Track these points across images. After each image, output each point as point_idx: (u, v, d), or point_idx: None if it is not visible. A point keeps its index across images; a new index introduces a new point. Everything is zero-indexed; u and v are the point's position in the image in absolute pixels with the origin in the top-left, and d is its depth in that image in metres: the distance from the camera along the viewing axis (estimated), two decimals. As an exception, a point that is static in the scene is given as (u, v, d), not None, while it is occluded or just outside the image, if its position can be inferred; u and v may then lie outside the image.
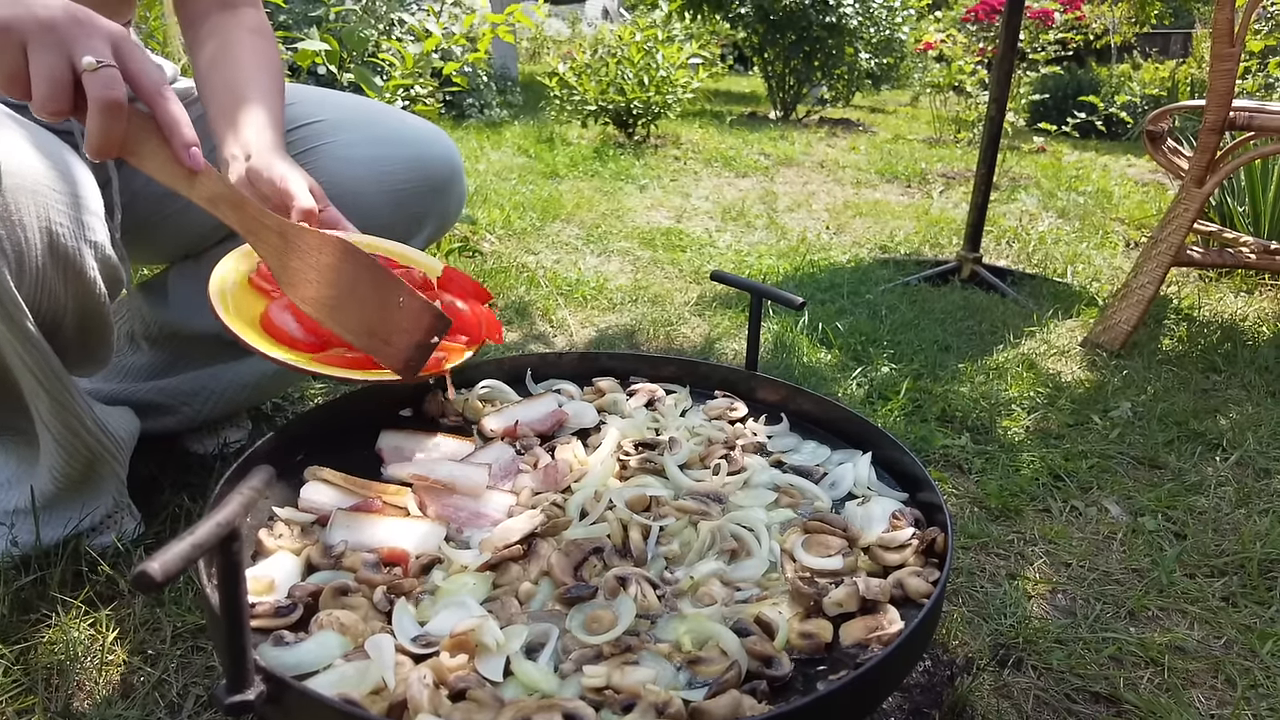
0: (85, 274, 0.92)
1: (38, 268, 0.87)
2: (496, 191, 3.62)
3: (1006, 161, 5.03)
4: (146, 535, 1.15)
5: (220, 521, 0.50)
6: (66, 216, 0.88)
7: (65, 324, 0.95)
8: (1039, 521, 1.35)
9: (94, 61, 0.73)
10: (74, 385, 0.99)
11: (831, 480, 0.92)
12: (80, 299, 0.93)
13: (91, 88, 0.72)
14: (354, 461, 0.94)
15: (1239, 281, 2.72)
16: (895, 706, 0.95)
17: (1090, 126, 6.36)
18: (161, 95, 0.77)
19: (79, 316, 0.95)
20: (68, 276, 0.90)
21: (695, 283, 2.56)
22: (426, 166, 1.21)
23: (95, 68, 0.72)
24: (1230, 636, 1.10)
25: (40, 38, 0.71)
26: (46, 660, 0.93)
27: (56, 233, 0.87)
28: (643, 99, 5.11)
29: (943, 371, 1.90)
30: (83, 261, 0.91)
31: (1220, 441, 1.62)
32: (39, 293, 0.89)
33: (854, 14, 6.78)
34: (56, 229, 0.87)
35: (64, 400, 0.97)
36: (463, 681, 0.61)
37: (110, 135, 0.74)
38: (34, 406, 0.98)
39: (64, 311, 0.93)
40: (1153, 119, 2.46)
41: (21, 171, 0.83)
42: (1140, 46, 9.54)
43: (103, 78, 0.72)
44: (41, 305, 0.90)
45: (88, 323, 0.97)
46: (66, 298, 0.92)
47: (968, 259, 2.63)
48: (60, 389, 0.97)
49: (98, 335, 1.00)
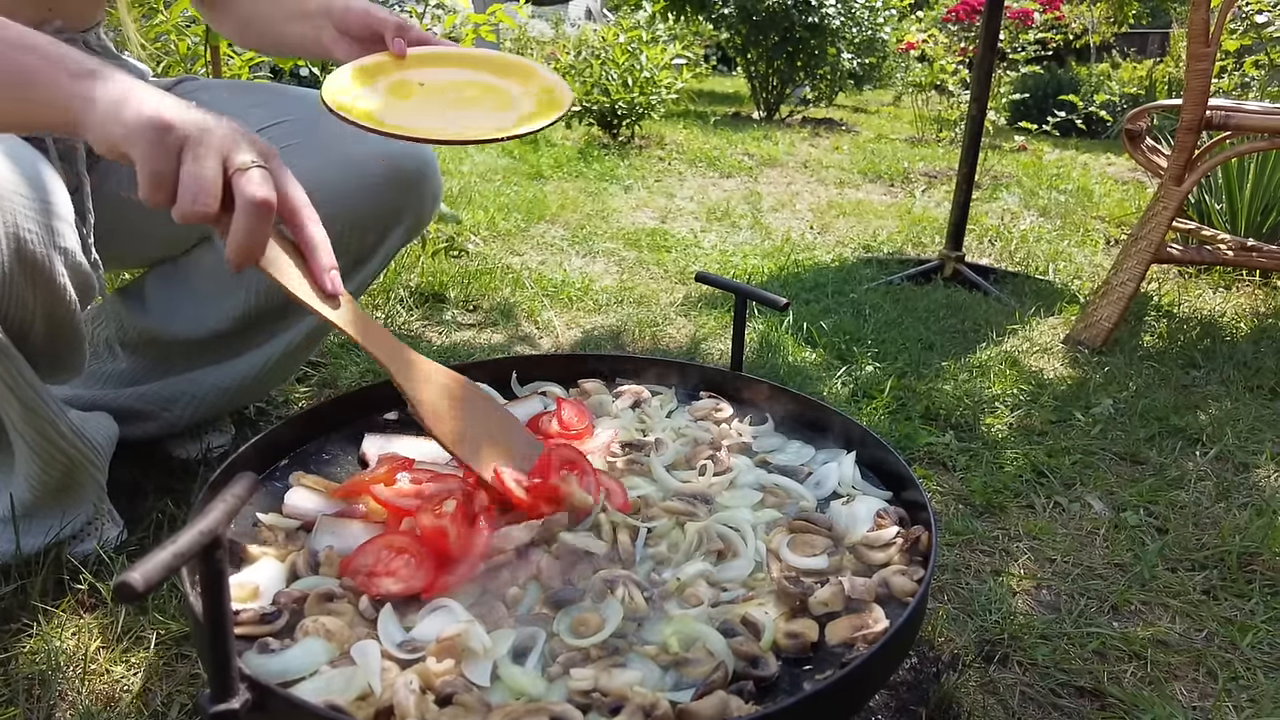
0: (55, 281, 0.90)
1: (4, 274, 0.86)
2: (480, 193, 3.61)
3: (988, 160, 5.07)
4: (130, 542, 1.13)
5: (203, 530, 0.49)
6: (35, 223, 0.87)
7: (34, 331, 0.94)
8: (1023, 518, 1.36)
9: (249, 160, 0.70)
10: (46, 392, 0.98)
11: (816, 480, 0.93)
12: (49, 306, 0.92)
13: (244, 187, 0.69)
14: (338, 466, 0.94)
15: (1217, 278, 2.75)
16: (882, 704, 0.95)
17: (1070, 125, 6.41)
18: (306, 214, 0.75)
19: (48, 324, 0.94)
20: (36, 283, 0.89)
21: (680, 283, 2.56)
22: (399, 161, 1.21)
23: (249, 166, 0.70)
24: (1211, 629, 1.12)
25: (199, 139, 0.69)
26: (28, 671, 0.92)
27: (24, 239, 0.86)
28: (627, 100, 5.11)
29: (926, 370, 1.91)
30: (52, 268, 0.90)
31: (1200, 436, 1.64)
32: (6, 300, 0.88)
33: (836, 14, 6.81)
34: (24, 235, 0.86)
35: (35, 407, 0.96)
36: (450, 686, 0.61)
37: (257, 237, 0.70)
38: (5, 414, 0.97)
39: (32, 318, 0.92)
40: (1131, 118, 2.49)
41: None
42: (1119, 46, 9.64)
43: (256, 178, 0.70)
44: (9, 312, 0.89)
45: (57, 330, 0.95)
46: (35, 305, 0.91)
47: (950, 258, 2.64)
48: (31, 396, 0.95)
49: (68, 342, 0.98)
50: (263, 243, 0.72)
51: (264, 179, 0.70)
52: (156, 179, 0.68)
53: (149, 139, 0.67)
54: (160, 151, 0.68)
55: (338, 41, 1.12)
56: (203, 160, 0.68)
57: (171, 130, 0.68)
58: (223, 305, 1.24)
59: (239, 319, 1.24)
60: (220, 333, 1.25)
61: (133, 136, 0.68)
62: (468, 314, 2.22)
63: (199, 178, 0.68)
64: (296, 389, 1.64)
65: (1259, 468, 1.53)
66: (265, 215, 0.70)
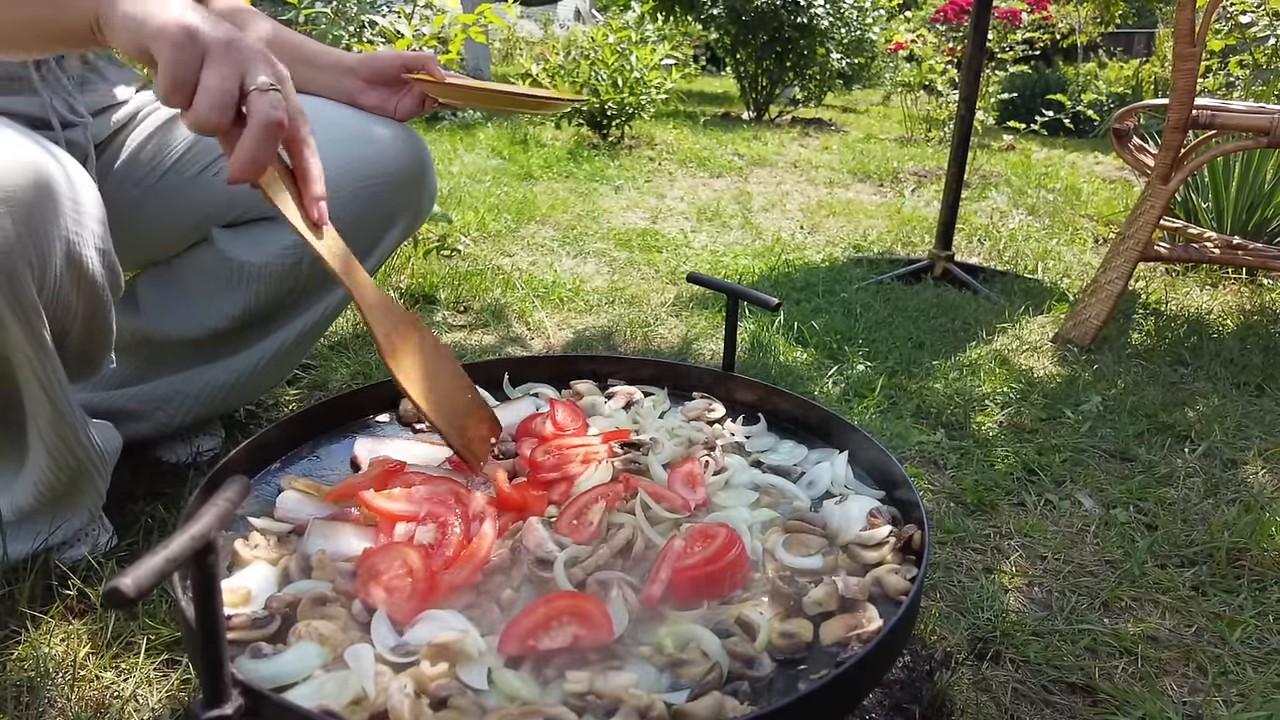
0: (95, 281, 0.93)
1: (57, 276, 0.88)
2: (470, 194, 3.60)
3: (977, 160, 5.09)
4: (119, 547, 1.13)
5: (194, 535, 0.49)
6: (74, 223, 0.88)
7: (73, 331, 0.96)
8: (1014, 515, 1.37)
9: (267, 81, 0.72)
10: (73, 397, 0.98)
11: (809, 479, 0.93)
12: (90, 307, 0.94)
13: (258, 105, 0.71)
14: (330, 469, 0.93)
15: (1204, 276, 2.77)
16: (876, 702, 0.95)
17: (1058, 124, 6.45)
18: (306, 143, 0.78)
19: (87, 323, 0.96)
20: (80, 284, 0.91)
21: (671, 283, 2.56)
22: (395, 162, 1.22)
23: (266, 88, 0.72)
24: (1201, 625, 1.12)
25: (222, 52, 0.71)
26: (16, 678, 0.91)
27: (71, 240, 0.88)
28: (617, 100, 5.11)
29: (917, 369, 1.92)
30: (93, 268, 0.92)
31: (1188, 433, 1.65)
32: (56, 302, 0.90)
33: (825, 14, 6.82)
34: (71, 237, 0.88)
35: (65, 412, 0.97)
36: (444, 690, 0.61)
37: (261, 156, 0.73)
38: (34, 418, 0.97)
39: (74, 319, 0.94)
40: (1119, 117, 2.50)
41: (40, 182, 0.83)
42: (1105, 46, 9.70)
43: (272, 99, 0.72)
44: (56, 314, 0.91)
45: (94, 328, 0.97)
46: (78, 305, 0.93)
47: (940, 257, 2.65)
48: (63, 400, 0.96)
49: (101, 340, 1.00)
50: (266, 163, 0.74)
51: (279, 101, 0.73)
52: (177, 83, 0.71)
53: (176, 42, 0.70)
54: (185, 56, 0.70)
55: (366, 91, 1.21)
56: (223, 73, 0.71)
57: (197, 38, 0.70)
58: (216, 306, 1.23)
59: (232, 319, 1.24)
60: (214, 333, 1.25)
61: (160, 36, 0.70)
62: (459, 315, 2.22)
63: (218, 90, 0.70)
64: (287, 391, 1.63)
65: (1246, 464, 1.55)
66: (275, 136, 0.73)
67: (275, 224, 1.22)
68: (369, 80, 1.21)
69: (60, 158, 0.90)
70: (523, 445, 0.96)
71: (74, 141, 1.08)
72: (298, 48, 1.24)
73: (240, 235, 1.23)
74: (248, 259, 1.20)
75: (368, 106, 1.22)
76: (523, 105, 1.27)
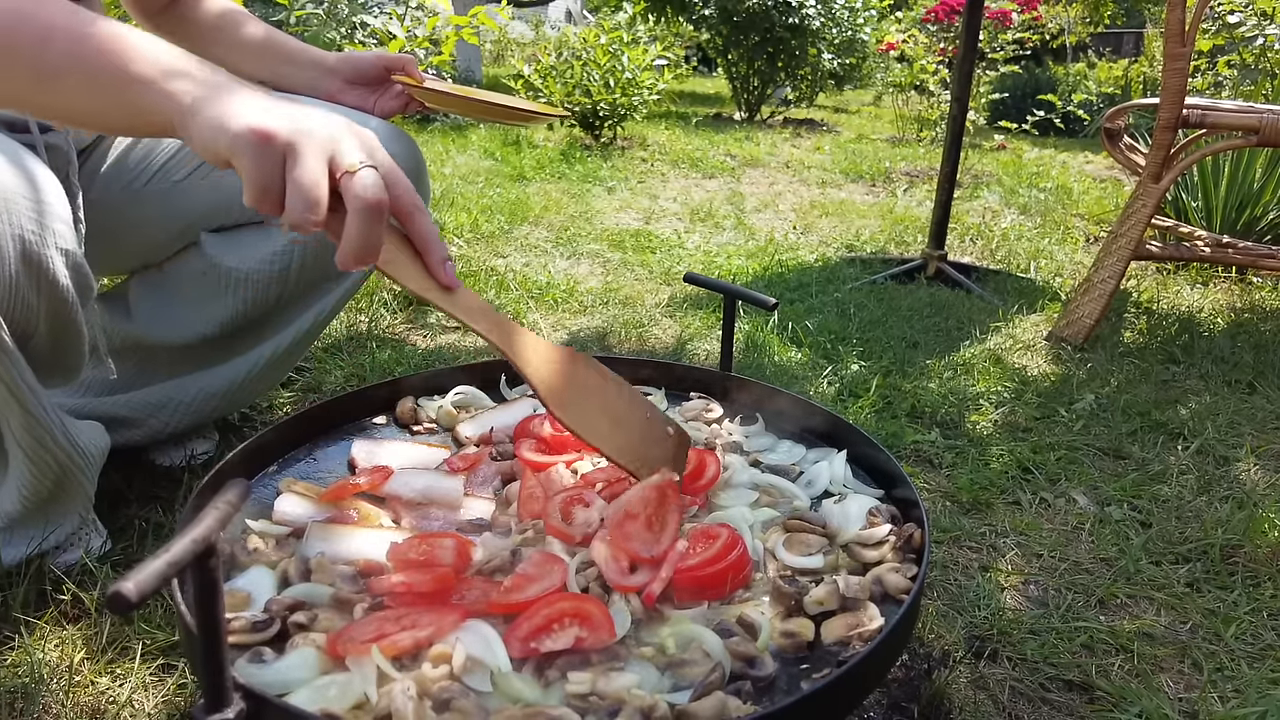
0: (58, 282, 0.91)
1: (11, 276, 0.86)
2: (463, 195, 3.59)
3: (969, 159, 5.11)
4: (113, 551, 1.12)
5: (196, 538, 0.48)
6: (36, 224, 0.87)
7: (38, 333, 0.94)
8: (1009, 514, 1.37)
9: (357, 162, 0.67)
10: (46, 398, 0.97)
11: (808, 479, 0.93)
12: (52, 307, 0.92)
13: (353, 190, 0.67)
14: (327, 472, 0.93)
15: (1195, 274, 2.79)
16: (875, 701, 0.95)
17: (1049, 124, 6.48)
18: (418, 209, 0.73)
19: (51, 325, 0.94)
20: (40, 284, 0.89)
21: (665, 284, 2.56)
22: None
23: (357, 168, 0.67)
24: (1196, 621, 1.13)
25: (302, 145, 0.66)
26: (10, 684, 0.90)
27: (28, 240, 0.86)
28: (609, 101, 5.11)
29: (911, 368, 1.92)
30: (55, 269, 0.90)
31: (1181, 431, 1.66)
32: (12, 301, 0.88)
33: (816, 15, 6.84)
34: (28, 236, 0.86)
35: (36, 413, 0.96)
36: (447, 692, 0.61)
37: (371, 240, 0.68)
38: (4, 422, 0.96)
39: (37, 320, 0.92)
40: (1109, 117, 2.52)
41: None
42: (1095, 46, 9.76)
43: (364, 178, 0.67)
44: (14, 314, 0.89)
45: (60, 331, 0.96)
46: (39, 306, 0.91)
47: (933, 256, 2.66)
48: (33, 401, 0.95)
49: (70, 344, 0.99)
50: (378, 246, 0.69)
51: (374, 180, 0.68)
52: (263, 192, 0.67)
53: (253, 152, 0.66)
54: (265, 164, 0.66)
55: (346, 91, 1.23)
56: (309, 166, 0.66)
57: (273, 140, 0.66)
58: (208, 311, 1.22)
59: (225, 324, 1.23)
60: (206, 338, 1.24)
61: (236, 147, 0.66)
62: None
63: (307, 186, 0.66)
64: (281, 394, 1.63)
65: (1239, 461, 1.56)
66: (379, 218, 0.68)
67: (263, 230, 1.22)
68: (350, 80, 1.23)
69: (23, 158, 0.89)
70: (521, 446, 0.95)
71: (54, 146, 1.06)
72: (280, 47, 1.24)
73: (228, 241, 1.22)
74: (235, 265, 1.20)
75: (347, 105, 1.22)
76: (505, 117, 1.28)
